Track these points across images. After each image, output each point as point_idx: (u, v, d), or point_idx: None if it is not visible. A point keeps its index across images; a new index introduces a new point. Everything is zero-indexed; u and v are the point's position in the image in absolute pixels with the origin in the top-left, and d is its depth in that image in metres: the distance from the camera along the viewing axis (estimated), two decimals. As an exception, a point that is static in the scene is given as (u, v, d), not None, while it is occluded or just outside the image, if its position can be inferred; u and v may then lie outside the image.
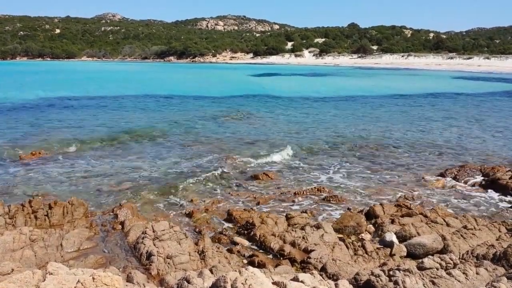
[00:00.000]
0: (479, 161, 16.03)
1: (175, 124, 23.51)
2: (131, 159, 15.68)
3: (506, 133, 22.04)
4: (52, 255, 7.61)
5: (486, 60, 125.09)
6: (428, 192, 12.64)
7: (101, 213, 10.34)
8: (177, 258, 7.32)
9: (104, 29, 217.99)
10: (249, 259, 7.96)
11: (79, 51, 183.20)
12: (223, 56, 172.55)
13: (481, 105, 34.96)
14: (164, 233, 7.75)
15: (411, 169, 14.98)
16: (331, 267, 7.09)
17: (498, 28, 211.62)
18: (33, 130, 20.80)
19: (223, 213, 10.67)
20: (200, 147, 17.72)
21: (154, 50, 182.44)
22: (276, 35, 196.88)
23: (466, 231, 8.60)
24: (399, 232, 8.91)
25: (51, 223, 9.09)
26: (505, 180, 12.69)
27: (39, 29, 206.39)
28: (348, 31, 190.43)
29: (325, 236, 8.58)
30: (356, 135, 20.96)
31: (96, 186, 12.49)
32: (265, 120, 25.47)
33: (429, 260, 6.10)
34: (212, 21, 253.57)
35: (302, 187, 12.78)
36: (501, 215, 10.73)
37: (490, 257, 6.85)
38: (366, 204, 11.50)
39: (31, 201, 9.41)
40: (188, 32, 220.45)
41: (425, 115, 28.46)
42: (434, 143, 19.10)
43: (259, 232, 8.84)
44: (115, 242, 8.46)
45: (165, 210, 10.90)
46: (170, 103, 34.03)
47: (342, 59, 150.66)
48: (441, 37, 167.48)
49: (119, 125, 22.67)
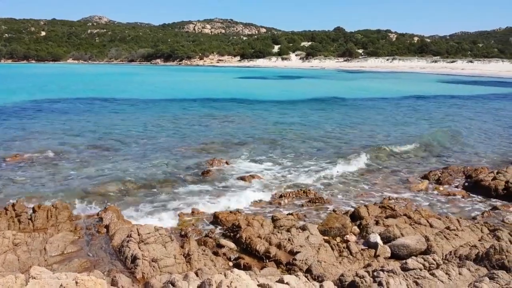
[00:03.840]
0: (462, 162, 16.26)
1: (160, 126, 23.42)
2: (116, 161, 15.57)
3: (489, 135, 22.39)
4: (35, 259, 7.52)
5: (469, 63, 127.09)
6: (412, 194, 12.78)
7: (86, 216, 10.25)
8: (163, 261, 7.29)
9: (90, 31, 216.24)
10: (235, 262, 7.97)
11: (65, 54, 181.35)
12: (210, 59, 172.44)
13: (464, 108, 35.46)
14: (149, 236, 7.71)
15: (395, 171, 15.13)
16: (316, 269, 7.12)
17: (481, 32, 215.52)
18: (16, 132, 20.53)
19: (209, 215, 10.66)
20: (185, 149, 17.67)
21: (141, 53, 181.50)
22: (263, 38, 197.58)
23: (449, 232, 8.72)
24: (383, 233, 8.99)
25: (35, 227, 8.98)
26: (487, 181, 12.89)
27: (25, 31, 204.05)
28: (334, 35, 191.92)
29: (311, 238, 8.62)
30: (341, 137, 21.09)
31: (81, 189, 12.36)
32: (252, 122, 25.48)
33: (412, 261, 6.17)
34: (199, 24, 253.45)
35: (288, 189, 12.83)
36: (484, 216, 10.88)
37: (473, 257, 6.94)
38: (351, 205, 11.60)
39: (14, 205, 9.29)
40: (175, 35, 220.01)
41: (409, 118, 28.75)
42: (417, 145, 19.29)
43: (245, 235, 8.84)
44: (100, 246, 8.39)
45: (150, 213, 10.84)
46: (155, 106, 33.85)
47: (329, 62, 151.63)
48: (425, 41, 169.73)
49: (104, 128, 22.50)
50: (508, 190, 12.23)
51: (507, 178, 12.85)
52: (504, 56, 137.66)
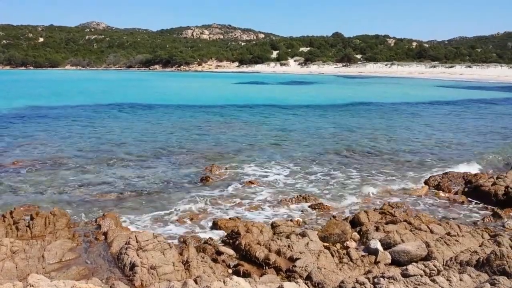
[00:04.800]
0: (462, 167, 16.22)
1: (159, 133, 23.40)
2: (115, 168, 15.53)
3: (489, 140, 22.37)
4: (33, 266, 7.46)
5: (468, 68, 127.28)
6: (412, 200, 12.76)
7: (84, 223, 10.20)
8: (161, 268, 7.23)
9: (88, 37, 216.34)
10: (234, 269, 7.91)
11: (63, 60, 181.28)
12: (209, 64, 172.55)
13: (464, 113, 35.47)
14: (148, 243, 7.66)
15: (395, 176, 15.10)
16: (316, 276, 7.07)
17: (479, 37, 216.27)
18: (15, 139, 20.49)
19: (208, 222, 10.62)
20: (185, 156, 17.63)
21: (139, 58, 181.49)
22: (262, 44, 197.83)
23: (450, 237, 8.67)
24: (383, 240, 8.94)
25: (33, 234, 8.92)
26: (487, 187, 12.86)
27: (22, 37, 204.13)
28: (333, 40, 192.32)
29: (310, 244, 8.57)
30: (340, 142, 21.08)
31: (79, 196, 12.32)
32: (250, 128, 25.46)
33: (413, 267, 6.12)
34: (197, 30, 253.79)
35: (287, 195, 12.79)
36: (484, 221, 10.85)
37: (474, 263, 6.90)
38: (351, 211, 11.56)
39: (12, 212, 9.24)
40: (173, 40, 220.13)
41: (408, 123, 28.77)
42: (417, 151, 19.30)
43: (244, 241, 8.79)
44: (98, 253, 8.33)
45: (149, 220, 10.80)
46: (152, 112, 33.83)
47: (327, 68, 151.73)
48: (423, 46, 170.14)
49: (102, 135, 22.48)
50: (508, 195, 12.19)
51: (507, 183, 12.82)
52: (502, 61, 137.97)
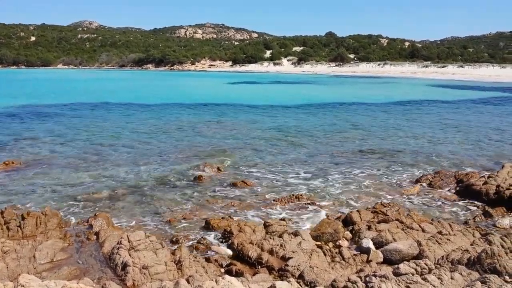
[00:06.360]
0: (453, 166, 16.33)
1: (151, 132, 23.34)
2: (107, 167, 15.46)
3: (480, 139, 22.51)
4: (24, 267, 7.42)
5: (460, 68, 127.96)
6: (404, 199, 12.81)
7: (76, 223, 10.15)
8: (153, 268, 7.21)
9: (80, 36, 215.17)
10: (227, 268, 7.90)
11: (55, 59, 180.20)
12: (202, 64, 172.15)
13: (455, 112, 35.65)
14: (139, 243, 7.64)
15: (387, 175, 15.16)
16: (308, 275, 7.08)
17: (471, 37, 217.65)
18: (6, 138, 20.34)
19: (201, 221, 10.59)
20: (177, 155, 17.60)
21: (132, 57, 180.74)
22: (255, 43, 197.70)
23: (441, 236, 8.73)
24: (375, 238, 8.98)
25: (24, 234, 8.86)
26: (478, 186, 12.94)
27: (14, 36, 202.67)
28: (326, 40, 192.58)
29: (303, 243, 8.58)
30: (333, 142, 21.13)
31: (71, 196, 12.26)
32: (243, 127, 25.46)
33: (404, 266, 6.16)
34: (190, 29, 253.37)
35: (280, 195, 12.80)
36: (475, 220, 10.91)
37: (465, 262, 6.95)
38: (344, 211, 11.59)
39: (3, 212, 9.16)
40: (166, 40, 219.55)
41: (400, 122, 28.88)
42: (409, 150, 19.38)
43: (237, 241, 8.79)
44: (90, 253, 8.29)
45: (141, 219, 10.76)
46: (146, 111, 33.73)
47: (320, 67, 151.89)
48: (416, 46, 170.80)
49: (94, 134, 22.37)
50: (499, 194, 12.29)
51: (498, 182, 12.91)
52: (494, 60, 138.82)
